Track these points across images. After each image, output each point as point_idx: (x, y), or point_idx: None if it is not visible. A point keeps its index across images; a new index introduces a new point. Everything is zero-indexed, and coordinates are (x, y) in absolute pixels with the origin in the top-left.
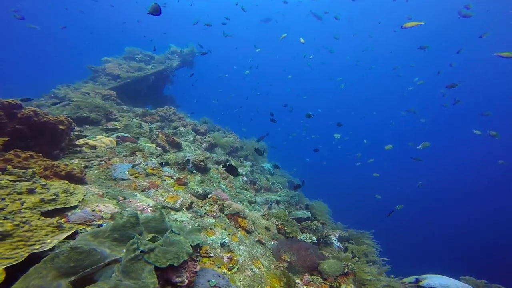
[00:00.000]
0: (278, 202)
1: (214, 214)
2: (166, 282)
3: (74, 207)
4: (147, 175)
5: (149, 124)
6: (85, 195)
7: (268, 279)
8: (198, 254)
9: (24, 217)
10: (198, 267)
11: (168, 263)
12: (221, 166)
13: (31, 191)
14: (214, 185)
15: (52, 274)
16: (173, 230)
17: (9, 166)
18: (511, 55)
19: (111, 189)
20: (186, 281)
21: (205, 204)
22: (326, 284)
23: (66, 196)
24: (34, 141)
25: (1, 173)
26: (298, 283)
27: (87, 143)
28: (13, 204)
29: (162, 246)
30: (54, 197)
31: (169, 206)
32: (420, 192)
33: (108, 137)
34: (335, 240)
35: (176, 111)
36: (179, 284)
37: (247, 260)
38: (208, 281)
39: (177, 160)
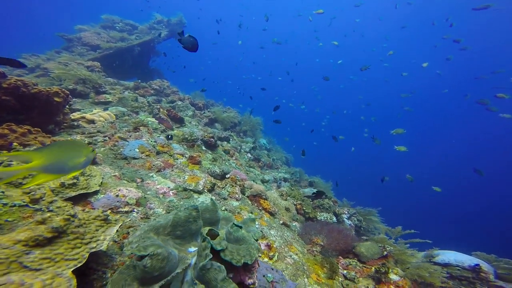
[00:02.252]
0: (285, 180)
1: (237, 196)
2: (240, 285)
3: (96, 192)
4: (158, 153)
5: (146, 98)
6: (103, 178)
7: (310, 266)
8: None
9: (62, 207)
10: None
11: (242, 261)
12: (225, 142)
13: (44, 192)
14: (226, 163)
15: (136, 284)
16: (235, 223)
17: (15, 144)
18: None
19: (125, 170)
20: (257, 281)
21: (225, 185)
22: (368, 267)
23: (86, 180)
24: (25, 115)
25: (7, 152)
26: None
27: (83, 117)
28: (38, 191)
29: (229, 244)
30: (74, 180)
31: (191, 188)
32: (426, 172)
33: (104, 111)
34: (346, 218)
35: (170, 85)
36: (251, 286)
37: (283, 246)
38: (264, 276)
39: (185, 136)
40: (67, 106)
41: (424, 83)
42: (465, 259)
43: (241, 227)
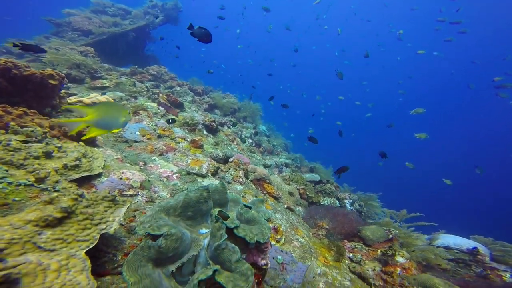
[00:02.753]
0: (286, 165)
1: (241, 180)
2: (253, 266)
3: (99, 175)
4: (159, 136)
5: (144, 83)
6: (105, 160)
7: (317, 249)
8: None
9: (67, 188)
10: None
11: (255, 239)
12: (225, 127)
13: (48, 155)
14: (228, 147)
15: (150, 265)
16: (245, 204)
17: (12, 123)
18: None
19: (127, 153)
20: (269, 263)
21: (229, 169)
22: (374, 250)
23: (88, 161)
24: (19, 97)
25: (5, 132)
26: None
27: (81, 101)
28: (43, 170)
29: (241, 223)
30: (77, 162)
31: (194, 172)
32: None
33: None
34: (348, 203)
35: (167, 71)
36: (264, 267)
37: (289, 230)
38: (274, 257)
39: (186, 120)
40: (63, 90)
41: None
42: (463, 243)
43: (250, 208)
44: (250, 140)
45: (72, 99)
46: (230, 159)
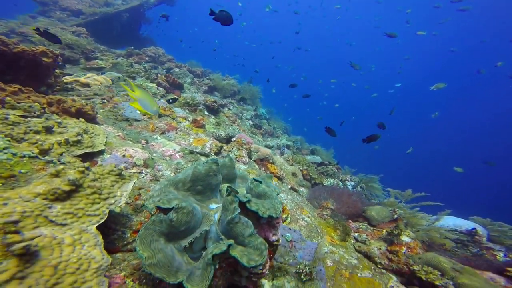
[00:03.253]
0: (288, 147)
1: (244, 159)
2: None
3: (101, 152)
4: (160, 116)
5: (142, 64)
6: (107, 137)
7: (323, 228)
8: None
9: (71, 162)
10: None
11: (268, 213)
12: (226, 109)
13: (48, 130)
14: (230, 128)
15: (163, 240)
16: (255, 178)
17: (8, 99)
18: None
19: (128, 131)
20: (280, 239)
21: (232, 148)
22: (379, 230)
23: (90, 137)
24: (12, 76)
25: (1, 107)
26: None
27: (77, 81)
28: (46, 142)
29: (252, 197)
30: (78, 137)
31: (197, 151)
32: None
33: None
34: (350, 186)
35: (164, 52)
36: (275, 243)
37: (294, 209)
38: (282, 235)
39: (187, 100)
40: (57, 69)
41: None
42: (463, 224)
43: (261, 182)
44: (250, 122)
45: (68, 78)
46: (233, 139)
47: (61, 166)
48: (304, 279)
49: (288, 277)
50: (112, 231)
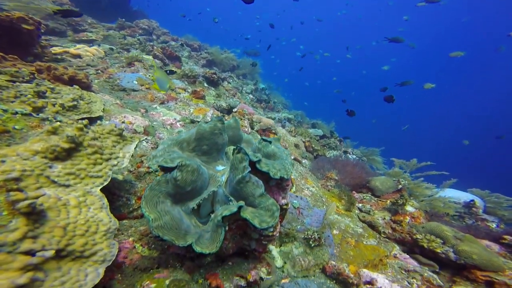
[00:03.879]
0: (289, 120)
1: (246, 129)
2: None
3: (99, 118)
4: None
5: (136, 36)
6: (104, 104)
7: (328, 198)
8: None
9: (68, 123)
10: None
11: (279, 174)
12: (225, 82)
13: (41, 95)
14: (230, 99)
15: (169, 201)
16: (264, 138)
17: None
18: None
19: (126, 100)
20: (289, 203)
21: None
22: (383, 201)
23: (87, 103)
24: None
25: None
26: None
27: (67, 51)
28: (39, 100)
29: (263, 157)
30: (74, 103)
31: (198, 120)
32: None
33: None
34: (351, 159)
35: (159, 25)
36: (284, 207)
37: (299, 179)
38: (289, 202)
39: (185, 72)
40: (44, 39)
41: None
42: (461, 196)
43: (270, 142)
44: (251, 96)
45: (57, 49)
46: (234, 109)
47: (58, 123)
48: (312, 245)
49: (296, 243)
50: (117, 197)
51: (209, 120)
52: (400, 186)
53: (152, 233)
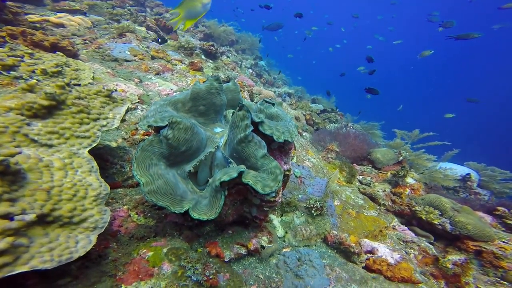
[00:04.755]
0: (289, 95)
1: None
2: None
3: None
4: (153, 58)
5: (126, 6)
6: (94, 73)
7: (329, 169)
8: None
9: (48, 84)
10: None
11: (282, 137)
12: (224, 56)
13: (18, 59)
14: (229, 72)
15: (163, 164)
16: (266, 100)
17: None
18: None
19: (118, 70)
20: (291, 169)
21: None
22: (383, 173)
23: (74, 71)
24: None
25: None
26: None
27: (47, 20)
28: (9, 58)
29: (265, 118)
30: (59, 69)
31: None
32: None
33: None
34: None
35: None
36: (286, 173)
37: (300, 150)
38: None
39: (182, 43)
40: (12, 4)
41: None
42: (458, 170)
43: (273, 104)
44: (250, 70)
45: (34, 17)
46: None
47: (34, 81)
48: (314, 214)
49: (298, 213)
50: (110, 164)
51: None
52: (401, 158)
53: (146, 200)
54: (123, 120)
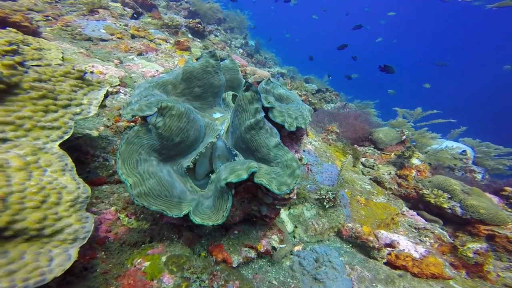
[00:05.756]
0: (282, 75)
1: None
2: None
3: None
4: (133, 37)
5: None
6: (63, 53)
7: (332, 153)
8: None
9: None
10: None
11: (295, 124)
12: (212, 36)
13: None
14: (220, 52)
15: (155, 159)
16: (271, 79)
17: None
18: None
19: (94, 50)
20: (303, 158)
21: None
22: (387, 154)
23: (34, 49)
24: None
25: None
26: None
27: None
28: None
29: (276, 102)
30: (14, 47)
31: None
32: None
33: None
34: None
35: None
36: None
37: None
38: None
39: (165, 21)
40: None
41: None
42: (455, 146)
43: (280, 86)
44: (240, 50)
45: None
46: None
47: None
48: (327, 206)
49: (307, 205)
50: (91, 157)
51: None
52: (403, 137)
53: (134, 202)
54: (102, 106)
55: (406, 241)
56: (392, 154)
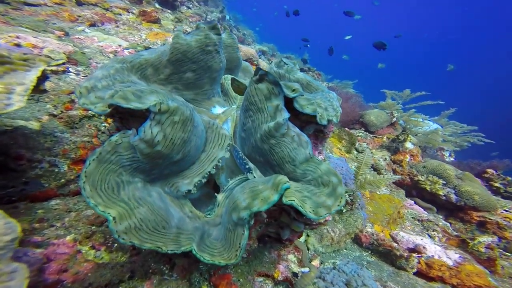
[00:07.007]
0: (263, 53)
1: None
2: None
3: None
4: (80, 4)
5: None
6: None
7: (329, 140)
8: None
9: None
10: None
11: (326, 117)
12: (184, 7)
13: None
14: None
15: (140, 181)
16: (284, 61)
17: None
18: None
19: (15, 17)
20: (326, 159)
21: None
22: (379, 137)
23: None
24: None
25: None
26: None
27: None
28: None
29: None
30: None
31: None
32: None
33: None
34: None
35: None
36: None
37: None
38: None
39: None
40: None
41: None
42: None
43: (296, 68)
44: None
45: None
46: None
47: None
48: (344, 210)
49: None
50: (30, 162)
51: None
52: (394, 119)
53: (118, 241)
54: (42, 91)
55: (433, 245)
56: (385, 137)
